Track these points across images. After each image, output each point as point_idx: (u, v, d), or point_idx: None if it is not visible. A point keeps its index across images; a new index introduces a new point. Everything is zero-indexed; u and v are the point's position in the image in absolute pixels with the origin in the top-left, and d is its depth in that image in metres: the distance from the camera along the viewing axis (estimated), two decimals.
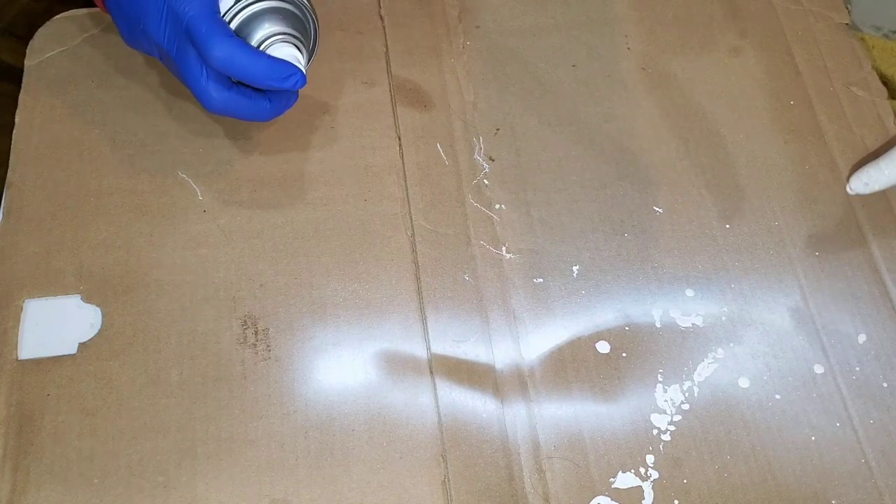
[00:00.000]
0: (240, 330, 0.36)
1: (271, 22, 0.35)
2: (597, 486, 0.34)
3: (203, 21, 0.33)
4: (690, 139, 0.42)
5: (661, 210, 0.40)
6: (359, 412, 0.35)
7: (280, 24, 0.35)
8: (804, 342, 0.37)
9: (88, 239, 0.37)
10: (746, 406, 0.36)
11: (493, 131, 0.41)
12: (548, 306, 0.37)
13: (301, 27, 0.36)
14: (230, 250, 0.38)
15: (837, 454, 0.35)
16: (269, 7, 0.35)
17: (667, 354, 0.37)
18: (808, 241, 0.39)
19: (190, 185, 0.39)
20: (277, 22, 0.35)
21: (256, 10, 0.35)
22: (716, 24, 0.45)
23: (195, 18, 0.33)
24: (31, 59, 0.42)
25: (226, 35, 0.33)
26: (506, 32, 0.44)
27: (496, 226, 0.39)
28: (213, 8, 0.34)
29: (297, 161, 0.40)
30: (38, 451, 0.33)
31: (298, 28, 0.36)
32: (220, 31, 0.33)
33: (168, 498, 0.33)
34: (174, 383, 0.35)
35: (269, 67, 0.33)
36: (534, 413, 0.35)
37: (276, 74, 0.34)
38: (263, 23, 0.35)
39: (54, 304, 0.36)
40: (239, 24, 0.34)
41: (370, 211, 0.39)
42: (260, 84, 0.34)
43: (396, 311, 0.37)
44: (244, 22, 0.35)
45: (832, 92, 0.43)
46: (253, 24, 0.35)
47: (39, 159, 0.39)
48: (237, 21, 0.34)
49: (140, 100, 0.41)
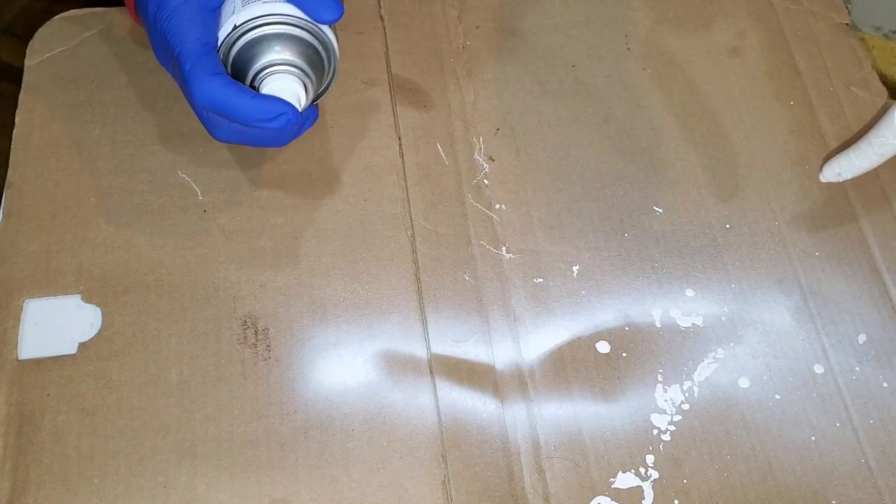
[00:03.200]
0: (240, 330, 0.36)
1: (274, 50, 0.32)
2: (597, 486, 0.34)
3: (189, 57, 0.31)
4: (690, 139, 0.42)
5: (661, 210, 0.40)
6: (359, 412, 0.35)
7: (284, 51, 0.32)
8: (804, 342, 0.37)
9: (88, 239, 0.37)
10: (746, 406, 0.36)
11: (493, 131, 0.41)
12: (548, 306, 0.37)
13: (313, 55, 0.33)
14: (230, 250, 0.38)
15: (837, 454, 0.35)
16: (274, 33, 0.32)
17: (667, 354, 0.37)
18: (808, 241, 0.39)
19: (190, 185, 0.39)
20: (282, 49, 0.32)
21: (257, 36, 0.32)
22: (716, 25, 0.45)
23: (182, 54, 0.31)
24: (31, 59, 0.42)
25: (208, 74, 0.31)
26: (506, 32, 0.44)
27: (496, 226, 0.39)
28: (202, 41, 0.31)
29: (297, 161, 0.40)
30: (38, 451, 0.33)
31: (309, 56, 0.33)
32: (202, 70, 0.31)
33: (168, 498, 0.33)
34: (174, 383, 0.35)
35: (252, 108, 0.31)
36: (534, 413, 0.35)
37: (259, 115, 0.31)
38: (265, 50, 0.32)
39: (54, 304, 0.36)
40: (238, 50, 0.32)
41: (370, 211, 0.39)
42: (245, 123, 0.32)
43: (396, 311, 0.37)
44: (244, 48, 0.32)
45: (832, 92, 0.43)
46: (253, 52, 0.32)
47: (39, 159, 0.39)
48: (237, 47, 0.32)
49: (140, 100, 0.41)
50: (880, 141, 0.34)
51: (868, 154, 0.35)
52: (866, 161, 0.36)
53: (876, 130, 0.35)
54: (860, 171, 0.37)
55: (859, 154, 0.36)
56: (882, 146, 0.34)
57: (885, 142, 0.34)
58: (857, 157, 0.36)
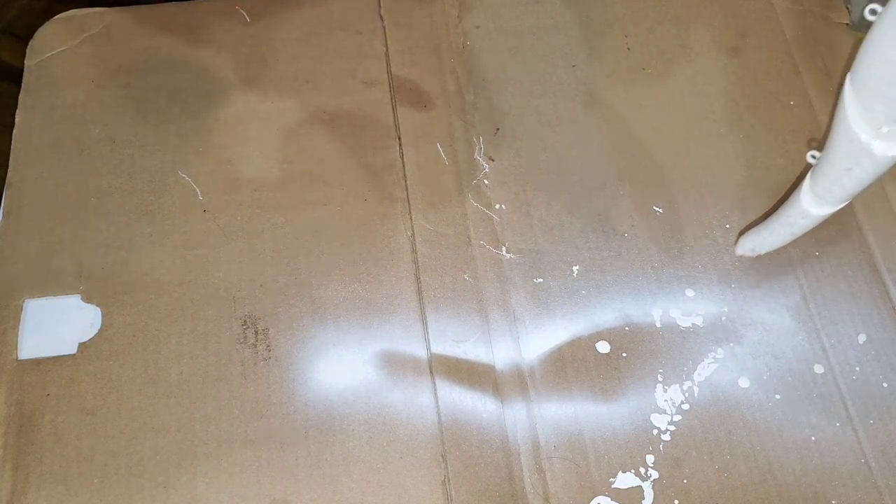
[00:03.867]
0: (240, 330, 0.36)
1: None
2: (597, 486, 0.34)
3: None
4: (690, 139, 0.42)
5: (661, 210, 0.40)
6: (359, 412, 0.35)
7: None
8: (804, 342, 0.37)
9: (88, 239, 0.37)
10: (746, 406, 0.36)
11: (493, 131, 0.41)
12: (548, 306, 0.37)
13: None
14: (230, 250, 0.38)
15: (837, 454, 0.35)
16: None
17: (667, 354, 0.37)
18: (808, 241, 0.39)
19: (190, 185, 0.39)
20: None
21: None
22: (716, 24, 0.45)
23: None
24: (31, 59, 0.42)
25: None
26: (506, 32, 0.44)
27: (496, 226, 0.39)
28: None
29: (298, 161, 0.40)
30: (38, 451, 0.33)
31: None
32: None
33: (168, 498, 0.33)
34: (174, 383, 0.35)
35: None
36: (534, 413, 0.35)
37: None
38: None
39: (54, 304, 0.36)
40: None
41: (370, 211, 0.39)
42: None
43: (396, 311, 0.37)
44: None
45: (832, 92, 0.43)
46: None
47: (39, 159, 0.39)
48: None
49: (140, 100, 0.41)
50: (789, 221, 0.34)
51: (779, 232, 0.35)
52: (777, 239, 0.35)
53: (785, 210, 0.34)
54: (773, 248, 0.36)
55: (770, 232, 0.35)
56: (791, 226, 0.34)
57: (793, 222, 0.34)
58: (769, 235, 0.36)
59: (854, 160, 0.29)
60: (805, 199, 0.33)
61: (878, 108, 0.27)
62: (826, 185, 0.31)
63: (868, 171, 0.29)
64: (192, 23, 0.42)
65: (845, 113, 0.28)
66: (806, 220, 0.33)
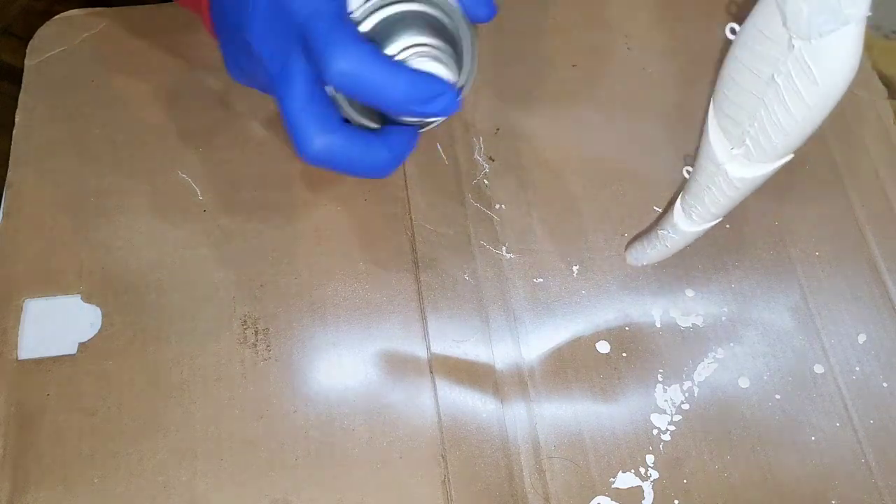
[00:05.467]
0: (240, 330, 0.36)
1: (412, 31, 0.26)
2: (597, 486, 0.34)
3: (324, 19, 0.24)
4: (690, 139, 0.42)
5: (660, 210, 0.40)
6: (359, 412, 0.35)
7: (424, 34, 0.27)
8: (804, 342, 0.37)
9: (88, 239, 0.37)
10: (746, 406, 0.36)
11: (493, 131, 0.41)
12: (548, 306, 0.37)
13: (452, 43, 0.28)
14: (230, 250, 0.38)
15: (837, 454, 0.35)
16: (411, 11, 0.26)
17: (667, 354, 0.37)
18: (808, 241, 0.39)
19: (190, 185, 0.39)
20: (420, 32, 0.26)
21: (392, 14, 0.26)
22: (716, 24, 0.45)
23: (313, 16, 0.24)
24: (31, 59, 0.42)
25: (353, 38, 0.24)
26: (506, 32, 0.44)
27: (496, 226, 0.39)
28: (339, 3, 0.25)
29: (298, 161, 0.40)
30: (38, 451, 0.33)
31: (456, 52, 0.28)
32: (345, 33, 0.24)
33: (168, 498, 0.33)
34: (174, 383, 0.35)
35: (412, 83, 0.24)
36: (534, 413, 0.35)
37: (418, 93, 0.24)
38: (402, 31, 0.26)
39: (54, 304, 0.36)
40: (369, 31, 0.26)
41: (370, 211, 0.39)
42: (396, 108, 0.25)
43: (396, 311, 0.37)
44: (375, 29, 0.26)
45: None
46: (387, 33, 0.26)
47: (39, 159, 0.39)
48: (367, 26, 0.26)
49: (140, 100, 0.41)
50: (664, 234, 0.34)
51: (657, 246, 0.35)
52: (657, 252, 0.35)
53: (661, 224, 0.34)
54: (654, 260, 0.36)
55: (650, 244, 0.35)
56: (666, 239, 0.34)
57: (667, 235, 0.34)
58: (649, 247, 0.36)
59: (711, 179, 0.29)
60: (676, 214, 0.33)
61: (731, 129, 0.27)
62: (691, 202, 0.32)
63: (724, 191, 0.29)
64: (192, 23, 0.42)
65: (707, 132, 0.29)
66: (678, 236, 0.34)
